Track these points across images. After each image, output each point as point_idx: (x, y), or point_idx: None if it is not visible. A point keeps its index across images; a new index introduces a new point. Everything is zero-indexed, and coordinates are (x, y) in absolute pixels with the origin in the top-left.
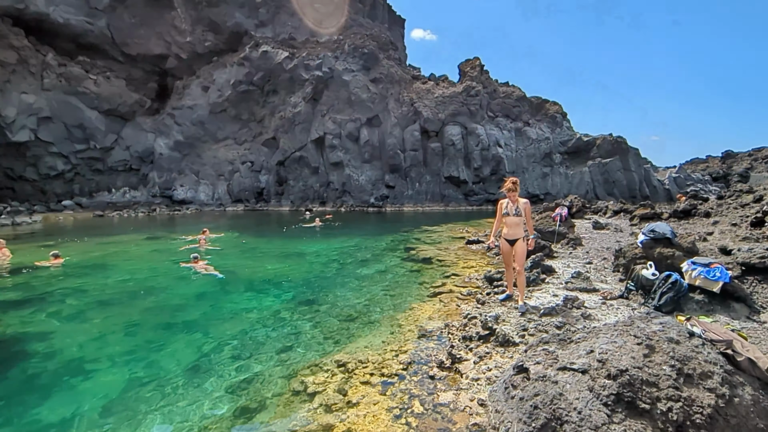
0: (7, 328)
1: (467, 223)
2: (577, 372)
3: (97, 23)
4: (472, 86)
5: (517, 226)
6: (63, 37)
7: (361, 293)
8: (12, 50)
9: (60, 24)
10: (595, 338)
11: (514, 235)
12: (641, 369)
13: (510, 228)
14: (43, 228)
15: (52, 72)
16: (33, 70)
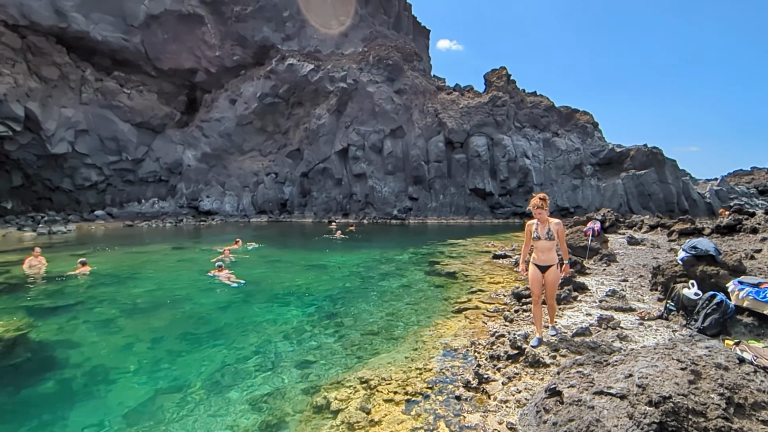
0: (41, 334)
1: (493, 237)
2: (615, 397)
3: (132, 40)
4: (498, 96)
5: (550, 251)
6: (100, 54)
7: (383, 307)
8: (54, 67)
9: (98, 41)
10: (633, 361)
11: (546, 261)
12: (686, 396)
13: (541, 253)
14: (77, 237)
15: (89, 87)
16: (72, 86)
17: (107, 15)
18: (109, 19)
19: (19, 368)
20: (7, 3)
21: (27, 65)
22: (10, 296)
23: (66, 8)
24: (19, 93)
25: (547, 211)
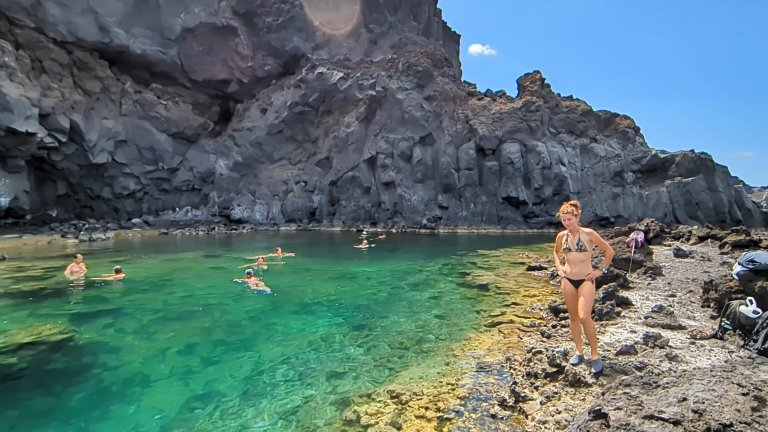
0: (82, 338)
1: (527, 248)
2: (668, 422)
3: (169, 52)
4: (532, 101)
5: (582, 263)
6: (139, 67)
7: (413, 319)
8: (97, 80)
9: (138, 54)
10: (687, 384)
11: (578, 274)
12: (750, 425)
13: (573, 266)
14: (115, 244)
15: (129, 99)
16: (113, 98)
17: (146, 29)
18: (147, 33)
19: (63, 371)
20: (57, 21)
21: (73, 79)
22: (54, 301)
23: (109, 24)
24: (65, 106)
25: (578, 220)
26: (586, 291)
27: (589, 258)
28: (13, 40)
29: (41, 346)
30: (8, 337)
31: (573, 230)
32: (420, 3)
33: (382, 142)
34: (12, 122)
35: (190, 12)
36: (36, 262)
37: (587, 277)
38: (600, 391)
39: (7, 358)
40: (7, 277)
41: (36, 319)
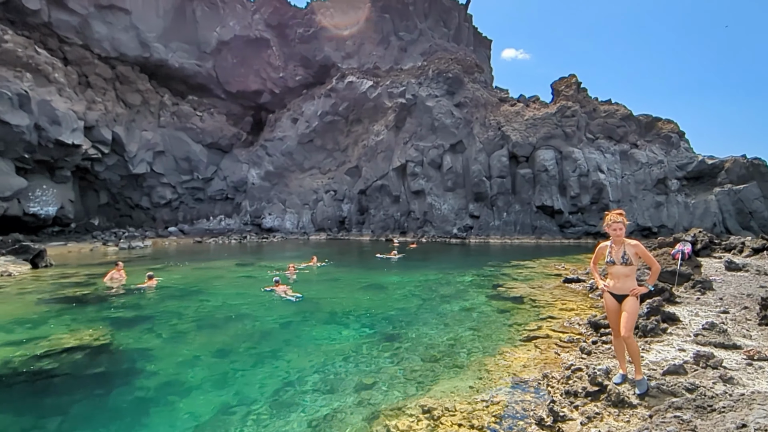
0: (121, 344)
1: (563, 259)
2: None
3: (205, 65)
4: (567, 106)
5: (627, 277)
6: (177, 80)
7: (444, 332)
8: (137, 93)
9: (176, 68)
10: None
11: (622, 289)
12: None
13: (617, 280)
14: (152, 252)
15: (167, 111)
16: (152, 110)
17: (184, 43)
18: (185, 47)
19: (103, 376)
20: (102, 38)
21: (115, 93)
22: (96, 306)
23: (149, 39)
24: (108, 118)
25: (624, 232)
26: (629, 306)
27: (634, 272)
28: (62, 57)
29: (84, 350)
30: (54, 341)
31: (618, 242)
32: (450, 9)
33: (411, 150)
34: (60, 135)
35: (226, 25)
36: (79, 269)
37: (632, 292)
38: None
39: (52, 361)
40: (53, 282)
41: (79, 324)
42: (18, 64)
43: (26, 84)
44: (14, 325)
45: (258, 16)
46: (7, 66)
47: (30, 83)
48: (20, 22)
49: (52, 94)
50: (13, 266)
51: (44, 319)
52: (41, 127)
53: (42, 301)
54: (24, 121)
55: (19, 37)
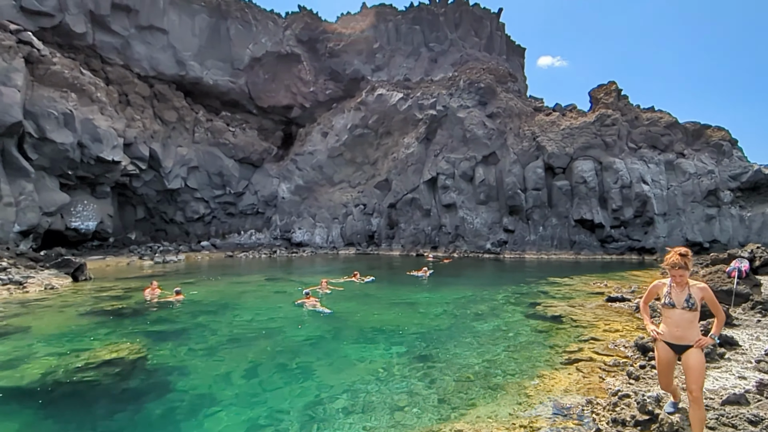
0: (155, 358)
1: (605, 276)
2: None
3: (238, 82)
4: (606, 114)
5: (690, 325)
6: (211, 96)
7: (479, 352)
8: (174, 110)
9: (210, 85)
10: None
11: (683, 338)
12: None
13: (676, 327)
14: (185, 266)
15: (201, 127)
16: (187, 126)
17: (218, 61)
18: (219, 65)
19: (137, 390)
20: (141, 58)
21: (153, 110)
22: (132, 320)
23: (185, 58)
24: (146, 135)
25: (689, 273)
26: (696, 361)
27: (697, 319)
28: (105, 77)
29: (120, 363)
30: (93, 354)
31: (680, 283)
32: (482, 18)
33: (442, 163)
34: (101, 152)
35: (258, 42)
36: (117, 283)
37: (697, 344)
38: None
39: (92, 374)
40: (93, 296)
41: (117, 337)
42: (64, 84)
43: (71, 104)
44: (57, 338)
45: (289, 32)
46: (55, 87)
47: (75, 103)
48: (67, 45)
49: (95, 113)
50: (56, 279)
51: (84, 331)
52: (84, 145)
53: (82, 314)
54: (68, 139)
55: (66, 59)
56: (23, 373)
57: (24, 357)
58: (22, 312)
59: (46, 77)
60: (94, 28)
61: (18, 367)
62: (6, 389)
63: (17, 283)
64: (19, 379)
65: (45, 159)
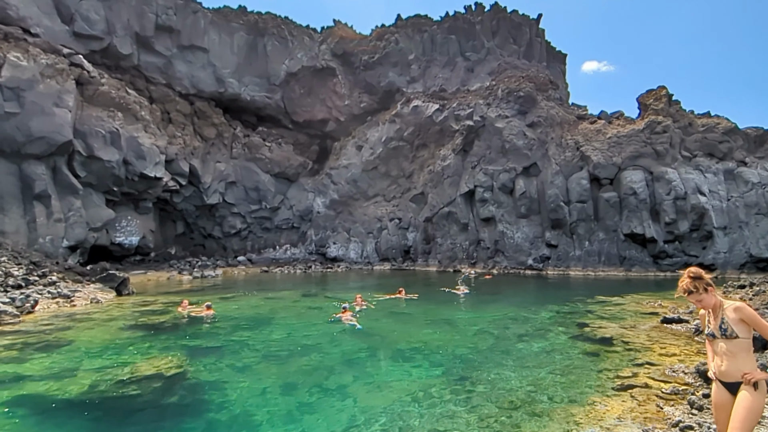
0: (193, 374)
1: (660, 295)
2: None
3: (274, 97)
4: (657, 121)
5: (733, 357)
6: (248, 112)
7: (522, 375)
8: (213, 127)
9: (247, 101)
10: None
11: (729, 374)
12: None
13: (720, 360)
14: (223, 281)
15: (238, 142)
16: (225, 142)
17: (255, 77)
18: (256, 81)
19: (176, 406)
20: (183, 77)
21: (193, 127)
22: (172, 335)
23: (224, 75)
24: (186, 152)
25: (712, 294)
26: (740, 404)
27: (746, 348)
28: (148, 95)
29: (161, 378)
30: (135, 368)
31: (710, 307)
32: (520, 25)
33: (480, 175)
34: (144, 168)
35: (294, 57)
36: (157, 297)
37: (745, 379)
38: None
39: (134, 387)
40: (135, 310)
41: (157, 352)
42: (111, 104)
43: (117, 122)
44: (102, 350)
45: (324, 46)
46: (102, 106)
47: (120, 121)
48: (114, 66)
49: (139, 131)
50: (101, 293)
51: (127, 345)
52: (129, 162)
53: (125, 328)
54: (114, 156)
55: (113, 79)
56: (71, 385)
57: (72, 369)
58: (70, 325)
59: (94, 97)
60: (139, 49)
61: (66, 378)
62: (56, 400)
63: (65, 297)
64: (67, 390)
65: (92, 176)
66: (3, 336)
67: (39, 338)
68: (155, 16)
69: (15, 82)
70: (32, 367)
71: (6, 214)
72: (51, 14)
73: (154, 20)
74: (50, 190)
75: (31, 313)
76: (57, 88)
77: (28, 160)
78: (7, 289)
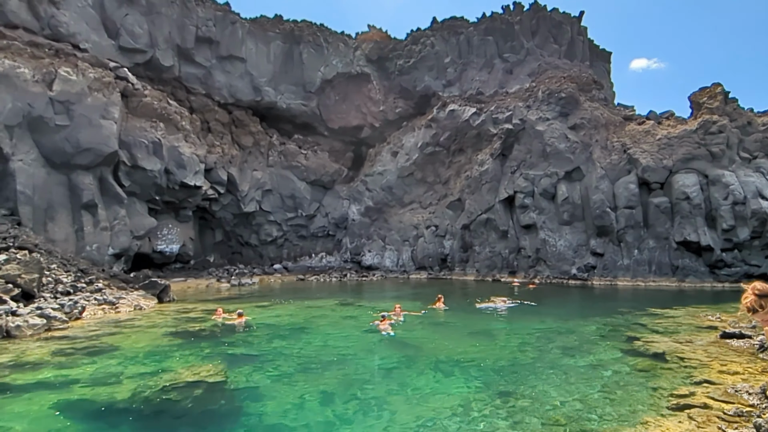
0: (233, 382)
1: (718, 308)
2: None
3: (310, 104)
4: (711, 120)
5: None
6: (284, 120)
7: (568, 391)
8: (250, 135)
9: (284, 109)
10: None
11: None
12: None
13: None
14: (259, 289)
15: (275, 150)
16: (262, 150)
17: (291, 85)
18: (292, 89)
19: (217, 413)
20: (221, 86)
21: (231, 136)
22: (210, 342)
23: (261, 84)
24: (225, 160)
25: None
26: None
27: None
28: (189, 106)
29: (201, 386)
30: (176, 375)
31: None
32: (561, 24)
33: (520, 180)
34: (185, 177)
35: (329, 64)
36: (197, 305)
37: None
38: None
39: (175, 394)
40: (176, 317)
41: (197, 359)
42: (154, 115)
43: (159, 132)
44: (145, 357)
45: (359, 51)
46: (145, 117)
47: (162, 131)
48: (156, 78)
49: (180, 141)
50: (143, 300)
51: (168, 352)
52: (170, 171)
53: (167, 335)
54: (156, 166)
55: (155, 91)
56: (116, 390)
57: (116, 374)
58: (115, 331)
59: (138, 109)
60: (180, 60)
61: (111, 384)
62: (103, 404)
63: (111, 303)
64: (112, 396)
65: (136, 185)
66: (53, 341)
67: (86, 344)
68: (195, 28)
69: (65, 95)
70: (80, 372)
71: (56, 223)
72: (98, 30)
73: (194, 32)
74: (97, 200)
75: (79, 319)
76: (104, 101)
77: (76, 170)
78: (57, 296)
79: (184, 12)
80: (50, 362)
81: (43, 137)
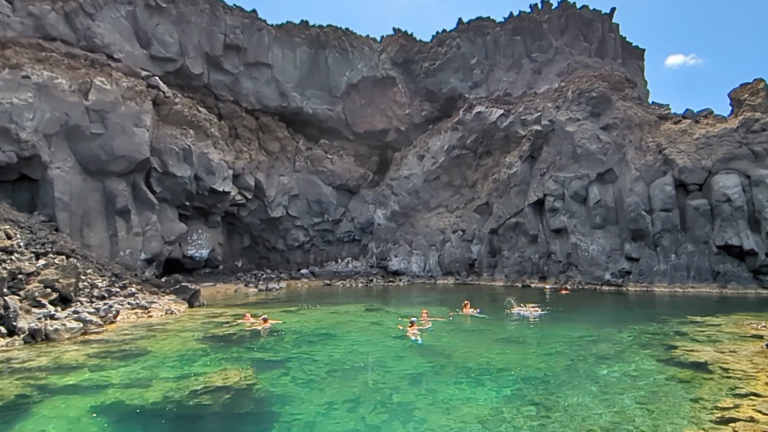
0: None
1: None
2: None
3: (335, 109)
4: (754, 118)
5: None
6: (310, 125)
7: (603, 402)
8: (276, 141)
9: (310, 114)
10: None
11: None
12: None
13: None
14: (286, 294)
15: (301, 156)
16: (288, 156)
17: (317, 90)
18: (318, 94)
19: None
20: (249, 93)
21: (258, 142)
22: (239, 347)
23: (287, 90)
24: (252, 166)
25: None
26: None
27: None
28: (217, 113)
29: (231, 390)
30: (207, 379)
31: None
32: (591, 21)
33: (550, 183)
34: (214, 183)
35: (354, 68)
36: (226, 309)
37: None
38: None
39: (206, 398)
40: (206, 322)
41: (227, 363)
42: (184, 122)
43: (189, 139)
44: (176, 361)
45: (384, 55)
46: (176, 125)
47: (192, 138)
48: (186, 86)
49: (209, 147)
50: (174, 305)
51: (199, 356)
52: (199, 177)
53: (197, 339)
54: (186, 172)
55: (185, 98)
56: (149, 394)
57: (149, 378)
58: (147, 335)
59: (169, 116)
60: (209, 68)
61: (144, 387)
62: (136, 407)
63: (143, 308)
64: (144, 399)
65: (167, 191)
66: (88, 345)
67: (120, 347)
68: (224, 35)
69: (100, 104)
70: (114, 375)
71: (92, 229)
72: (131, 40)
73: (222, 40)
74: (130, 206)
75: (113, 323)
76: (136, 109)
77: (110, 177)
78: (93, 300)
79: (213, 20)
80: (86, 365)
81: (79, 145)
